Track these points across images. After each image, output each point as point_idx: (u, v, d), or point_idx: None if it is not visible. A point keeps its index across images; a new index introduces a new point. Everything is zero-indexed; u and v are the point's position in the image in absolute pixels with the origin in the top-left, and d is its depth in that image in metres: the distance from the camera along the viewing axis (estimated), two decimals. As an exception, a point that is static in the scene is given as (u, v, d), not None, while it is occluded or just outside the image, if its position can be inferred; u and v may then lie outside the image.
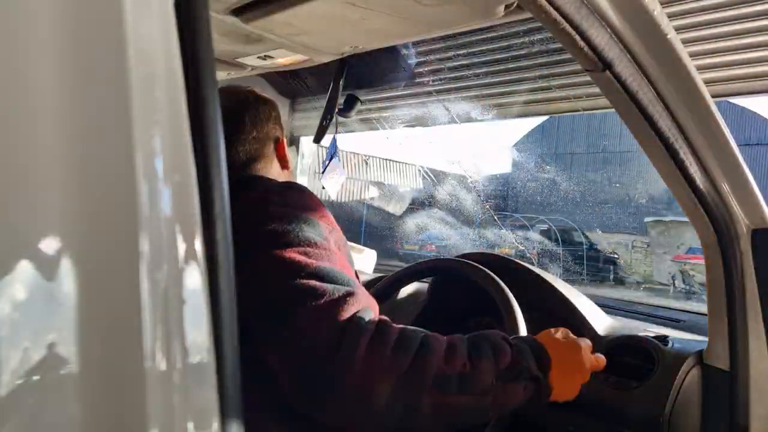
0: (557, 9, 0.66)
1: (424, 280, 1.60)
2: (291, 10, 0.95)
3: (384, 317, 0.73)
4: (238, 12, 1.00)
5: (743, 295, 0.97)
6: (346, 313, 0.69)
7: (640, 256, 11.53)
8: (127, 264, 0.30)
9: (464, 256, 1.44)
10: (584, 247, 11.40)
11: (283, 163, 1.00)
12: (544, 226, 11.78)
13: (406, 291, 1.61)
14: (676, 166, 0.87)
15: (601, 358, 0.87)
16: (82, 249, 0.29)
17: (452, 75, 1.83)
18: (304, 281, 0.71)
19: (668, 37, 0.75)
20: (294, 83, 1.84)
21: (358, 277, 0.83)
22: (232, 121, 0.93)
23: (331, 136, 1.63)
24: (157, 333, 0.31)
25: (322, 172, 1.62)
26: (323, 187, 1.65)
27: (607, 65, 0.75)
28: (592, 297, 1.40)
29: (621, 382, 1.13)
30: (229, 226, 0.36)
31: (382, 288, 1.39)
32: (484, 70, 1.77)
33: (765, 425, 0.97)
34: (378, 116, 2.17)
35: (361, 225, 11.90)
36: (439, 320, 1.47)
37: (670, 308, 1.49)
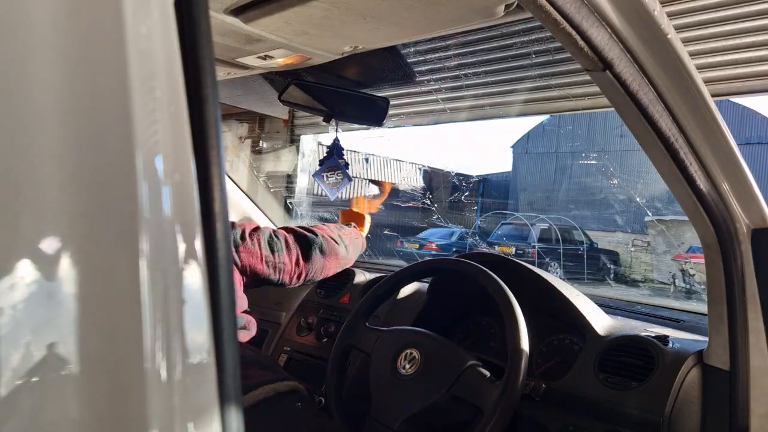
0: (557, 9, 0.66)
1: (424, 280, 1.60)
2: (291, 10, 0.95)
3: None
4: (238, 12, 1.00)
5: (743, 295, 0.97)
6: None
7: (640, 255, 11.52)
8: (127, 264, 0.30)
9: (464, 255, 1.44)
10: (584, 246, 11.40)
11: None
12: (545, 225, 11.77)
13: (406, 291, 1.61)
14: (676, 166, 0.87)
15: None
16: (82, 249, 0.29)
17: (452, 74, 1.83)
18: None
19: (668, 36, 0.75)
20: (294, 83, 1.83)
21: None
22: None
23: (333, 135, 1.62)
24: (157, 333, 0.31)
25: (318, 170, 1.62)
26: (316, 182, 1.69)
27: (607, 65, 0.74)
28: (592, 297, 1.39)
29: (621, 382, 1.13)
30: (228, 226, 0.36)
31: (382, 288, 1.38)
32: (484, 69, 1.77)
33: (765, 425, 0.97)
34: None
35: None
36: (439, 320, 1.47)
37: (670, 308, 1.49)
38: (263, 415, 1.06)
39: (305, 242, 1.48)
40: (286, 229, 1.51)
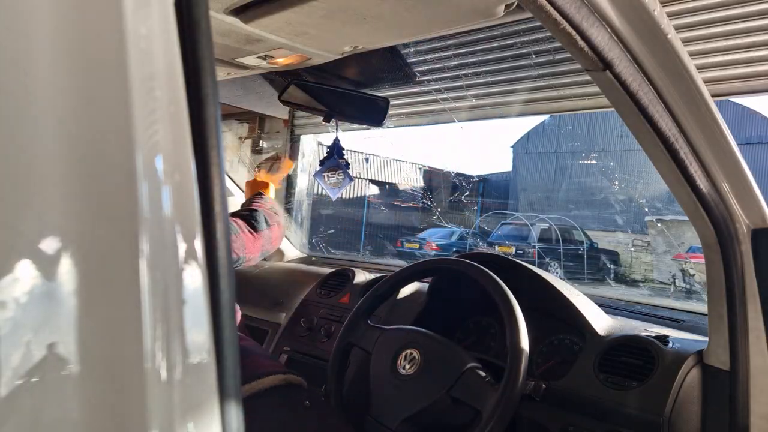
0: (557, 9, 0.66)
1: (424, 280, 1.60)
2: (291, 10, 0.95)
3: None
4: (238, 12, 1.00)
5: (743, 295, 0.97)
6: None
7: (640, 255, 11.52)
8: (127, 264, 0.30)
9: (464, 255, 1.44)
10: (584, 246, 11.40)
11: None
12: (545, 225, 11.78)
13: (406, 291, 1.61)
14: (676, 166, 0.87)
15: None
16: (82, 249, 0.29)
17: (452, 74, 1.83)
18: None
19: (668, 36, 0.75)
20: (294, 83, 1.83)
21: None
22: None
23: (333, 135, 1.63)
24: (157, 333, 0.31)
25: (319, 170, 1.63)
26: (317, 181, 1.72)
27: (607, 65, 0.74)
28: (592, 297, 1.39)
29: (621, 382, 1.13)
30: (228, 226, 0.36)
31: (382, 288, 1.39)
32: (484, 69, 1.77)
33: (765, 425, 0.97)
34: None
35: (362, 223, 11.90)
36: (439, 320, 1.47)
37: (670, 308, 1.49)
38: (272, 402, 1.07)
39: (252, 219, 1.65)
40: (231, 214, 1.64)
